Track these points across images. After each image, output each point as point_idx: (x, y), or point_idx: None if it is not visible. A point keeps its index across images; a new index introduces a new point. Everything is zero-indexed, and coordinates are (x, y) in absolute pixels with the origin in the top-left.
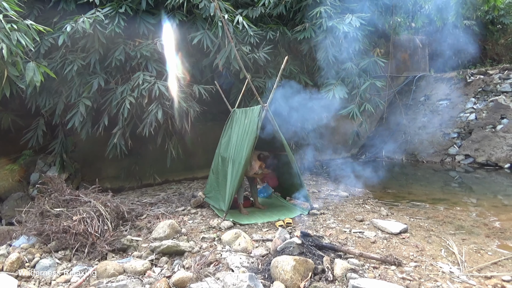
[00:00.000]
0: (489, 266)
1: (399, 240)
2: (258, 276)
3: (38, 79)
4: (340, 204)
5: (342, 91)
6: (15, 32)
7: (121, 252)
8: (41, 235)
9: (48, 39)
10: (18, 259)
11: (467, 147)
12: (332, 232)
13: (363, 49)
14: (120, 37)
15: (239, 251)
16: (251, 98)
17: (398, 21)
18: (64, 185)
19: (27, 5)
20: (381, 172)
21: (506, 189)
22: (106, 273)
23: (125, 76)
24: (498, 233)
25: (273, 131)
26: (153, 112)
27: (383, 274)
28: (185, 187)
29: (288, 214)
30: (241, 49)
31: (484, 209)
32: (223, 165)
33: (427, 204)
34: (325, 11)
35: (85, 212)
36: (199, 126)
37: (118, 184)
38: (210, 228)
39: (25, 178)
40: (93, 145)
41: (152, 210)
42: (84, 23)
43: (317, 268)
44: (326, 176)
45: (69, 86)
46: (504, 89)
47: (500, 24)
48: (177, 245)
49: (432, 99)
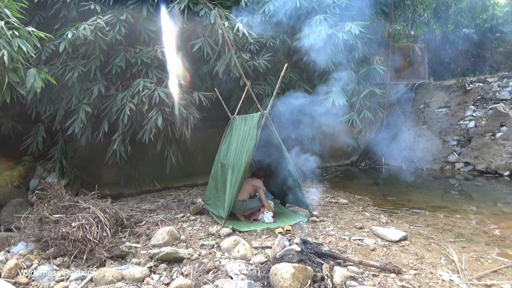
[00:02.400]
0: (489, 274)
1: (399, 247)
2: (257, 283)
3: (39, 86)
4: (339, 211)
5: (342, 98)
6: (16, 39)
7: (120, 259)
8: (40, 241)
9: (49, 45)
10: (16, 265)
11: (466, 155)
12: (331, 239)
13: (363, 56)
14: (121, 44)
15: (238, 258)
16: (251, 105)
17: (397, 29)
18: (63, 191)
19: (28, 12)
20: (381, 179)
21: (505, 197)
22: (104, 280)
23: (126, 82)
24: (498, 241)
25: (272, 138)
26: (153, 119)
27: (383, 282)
28: (184, 193)
29: (287, 221)
30: (241, 56)
31: (484, 216)
32: (222, 172)
33: (427, 212)
34: (325, 18)
35: (84, 218)
36: (199, 133)
37: (117, 190)
38: (209, 235)
39: (24, 184)
40: (92, 151)
41: (151, 217)
42: (85, 30)
43: (317, 276)
44: (326, 183)
45: (69, 93)
46: (503, 96)
47: (499, 32)
48: (176, 252)
49: (432, 106)
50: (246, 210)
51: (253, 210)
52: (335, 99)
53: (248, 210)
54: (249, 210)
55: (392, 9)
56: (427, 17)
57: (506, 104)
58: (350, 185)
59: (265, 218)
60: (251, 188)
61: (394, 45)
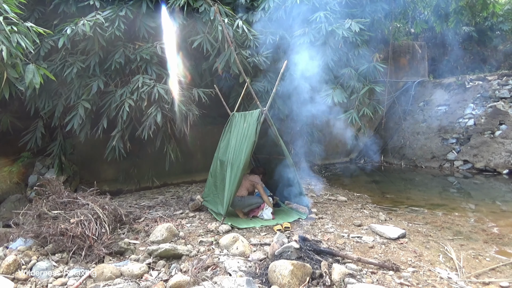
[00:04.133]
0: (487, 272)
1: (397, 245)
2: (256, 280)
3: (38, 81)
4: (338, 209)
5: (341, 95)
6: (15, 34)
7: (119, 255)
8: (38, 237)
9: (48, 41)
10: (14, 261)
11: (465, 153)
12: (330, 236)
13: (362, 54)
14: (120, 40)
15: (236, 255)
16: (250, 102)
17: (397, 26)
18: (62, 188)
19: (27, 7)
20: (380, 177)
21: (504, 195)
22: (103, 276)
23: (125, 79)
24: (496, 239)
25: (272, 135)
26: (152, 115)
27: (381, 280)
28: (183, 190)
29: (286, 219)
30: (241, 53)
31: (482, 215)
32: (221, 168)
33: (426, 210)
34: (325, 16)
35: (82, 214)
36: (198, 130)
37: (116, 186)
38: (208, 231)
39: (23, 180)
40: (91, 148)
41: (150, 213)
42: (84, 26)
43: (315, 273)
44: (325, 180)
45: (68, 89)
46: (503, 95)
47: (499, 30)
48: (175, 249)
49: (431, 104)
50: (245, 207)
51: (252, 207)
52: (334, 96)
53: (247, 206)
54: (248, 206)
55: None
56: (427, 15)
57: (505, 102)
58: (349, 183)
59: (264, 215)
60: (249, 184)
61: (394, 42)
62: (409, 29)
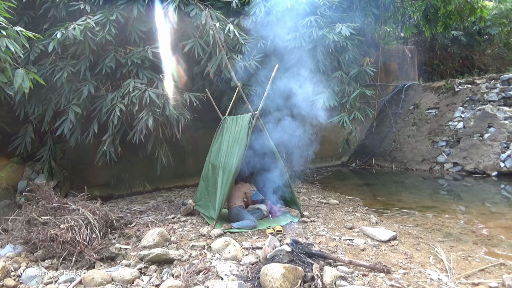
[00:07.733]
0: (477, 273)
1: (388, 247)
2: (248, 284)
3: (27, 86)
4: (330, 212)
5: (332, 99)
6: (4, 39)
7: (109, 261)
8: (28, 243)
9: (38, 45)
10: (3, 268)
11: (455, 155)
12: (322, 239)
13: (353, 58)
14: (111, 44)
15: (228, 259)
16: (242, 106)
17: (387, 31)
18: (52, 193)
19: (17, 11)
20: (371, 180)
21: (493, 197)
22: (93, 282)
23: (116, 83)
24: (486, 240)
25: (263, 139)
26: (143, 120)
27: (372, 282)
28: (175, 194)
29: (278, 222)
30: (232, 57)
31: (472, 216)
32: (213, 172)
33: (416, 212)
34: (316, 20)
35: (73, 220)
36: (190, 134)
37: (107, 191)
38: (200, 236)
39: (12, 185)
40: (82, 153)
41: (141, 218)
42: (74, 30)
43: (307, 276)
44: (317, 183)
45: (58, 93)
46: (491, 98)
47: (487, 34)
48: (166, 254)
49: (421, 107)
50: (239, 220)
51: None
52: (325, 100)
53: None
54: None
55: (382, 11)
56: (417, 19)
57: (493, 105)
58: (340, 186)
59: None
60: (243, 194)
61: (384, 46)
62: (399, 34)
